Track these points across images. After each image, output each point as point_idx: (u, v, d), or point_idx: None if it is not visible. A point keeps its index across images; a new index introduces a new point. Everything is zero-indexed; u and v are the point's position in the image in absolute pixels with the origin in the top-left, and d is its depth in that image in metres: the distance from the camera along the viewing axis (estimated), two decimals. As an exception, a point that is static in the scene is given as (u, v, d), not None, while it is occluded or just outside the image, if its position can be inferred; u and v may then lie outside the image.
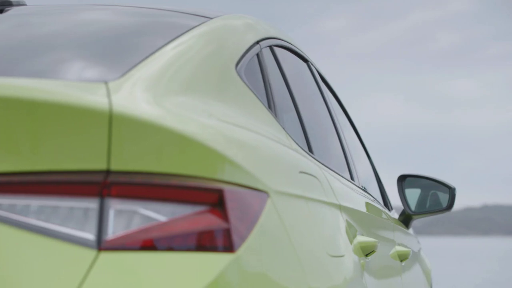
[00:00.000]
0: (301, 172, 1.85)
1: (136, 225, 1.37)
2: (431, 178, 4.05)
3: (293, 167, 1.81)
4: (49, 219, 1.34)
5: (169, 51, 1.75)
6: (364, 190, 3.11)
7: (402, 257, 3.24)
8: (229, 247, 1.40)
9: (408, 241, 3.79)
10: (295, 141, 2.16)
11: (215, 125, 1.55)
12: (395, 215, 4.02)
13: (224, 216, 1.41)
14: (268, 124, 1.96)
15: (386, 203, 4.09)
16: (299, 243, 1.66)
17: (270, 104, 2.13)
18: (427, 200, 4.05)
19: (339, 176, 2.57)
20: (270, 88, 2.19)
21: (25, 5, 2.31)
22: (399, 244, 3.24)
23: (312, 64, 3.04)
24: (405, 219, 4.01)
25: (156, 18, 2.09)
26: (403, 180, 4.06)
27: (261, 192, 1.55)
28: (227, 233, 1.41)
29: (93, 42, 1.85)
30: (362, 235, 2.37)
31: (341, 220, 2.09)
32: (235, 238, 1.41)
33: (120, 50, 1.78)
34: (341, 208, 2.14)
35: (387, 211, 3.51)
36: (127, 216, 1.36)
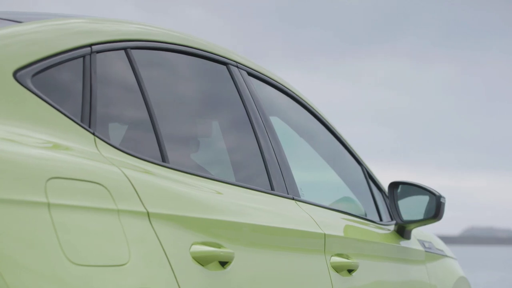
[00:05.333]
0: (53, 178, 1.82)
1: None
2: (420, 185, 3.90)
3: (37, 174, 1.80)
4: None
5: None
6: (296, 199, 2.98)
7: (343, 268, 3.09)
8: None
9: (374, 251, 3.59)
10: (115, 147, 2.16)
11: None
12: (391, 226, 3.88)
13: None
14: (50, 129, 1.99)
15: (381, 212, 3.93)
16: (10, 251, 1.66)
17: (84, 109, 2.15)
18: (421, 208, 3.91)
19: (217, 184, 2.50)
20: (91, 93, 2.20)
21: None
22: (337, 255, 3.09)
23: (239, 67, 2.96)
24: (399, 228, 3.87)
25: None
26: (396, 188, 3.91)
27: None
28: None
29: None
30: (217, 246, 2.28)
31: (138, 228, 2.00)
32: None
33: None
34: (150, 215, 2.07)
35: (353, 223, 3.38)
36: None
